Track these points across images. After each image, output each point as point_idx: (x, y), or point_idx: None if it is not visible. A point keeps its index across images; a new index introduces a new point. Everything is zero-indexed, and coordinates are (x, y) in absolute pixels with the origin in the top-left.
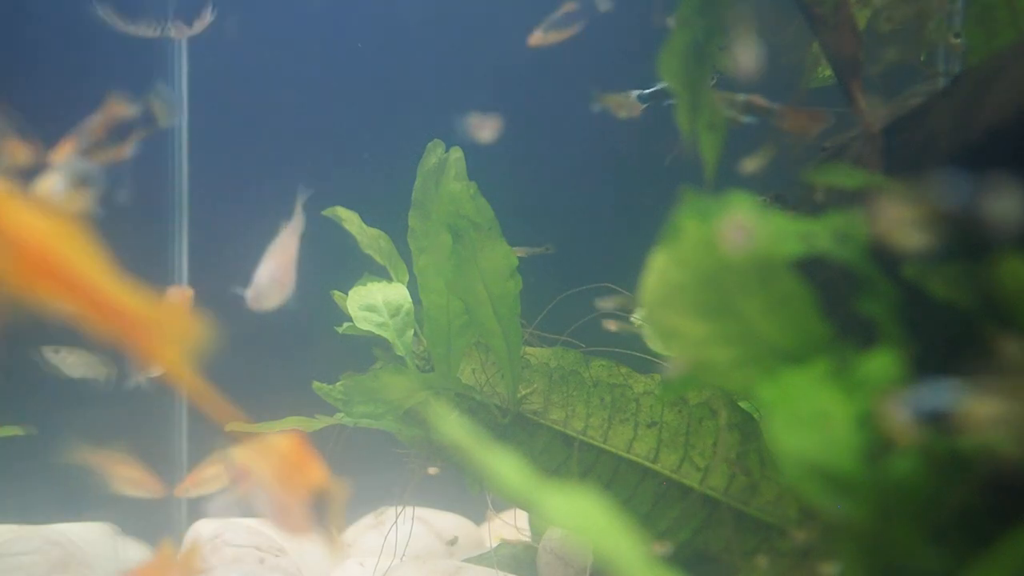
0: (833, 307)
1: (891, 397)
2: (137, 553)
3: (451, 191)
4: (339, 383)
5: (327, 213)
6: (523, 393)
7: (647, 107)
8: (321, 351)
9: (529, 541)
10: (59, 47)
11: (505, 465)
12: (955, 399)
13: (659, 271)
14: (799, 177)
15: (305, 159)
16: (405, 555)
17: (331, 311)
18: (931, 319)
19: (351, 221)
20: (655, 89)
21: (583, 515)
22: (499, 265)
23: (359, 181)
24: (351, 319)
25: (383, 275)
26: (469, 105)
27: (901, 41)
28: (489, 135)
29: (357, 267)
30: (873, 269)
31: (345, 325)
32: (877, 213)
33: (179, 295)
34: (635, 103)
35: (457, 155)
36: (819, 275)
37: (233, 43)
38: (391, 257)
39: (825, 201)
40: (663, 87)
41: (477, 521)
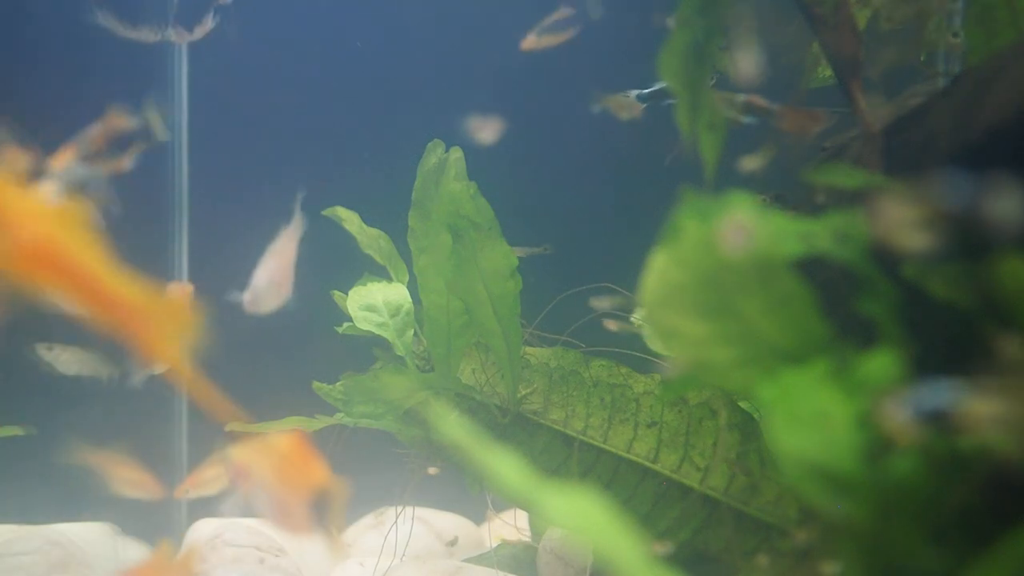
0: (833, 307)
1: (891, 397)
2: (137, 553)
3: (451, 191)
4: (339, 383)
5: (327, 213)
6: (523, 393)
7: (647, 107)
8: (321, 351)
9: (529, 541)
10: (59, 49)
11: (505, 465)
12: (955, 399)
13: (659, 271)
14: (799, 177)
15: (305, 159)
16: (405, 555)
17: (331, 311)
18: (931, 319)
19: (351, 221)
20: (654, 89)
21: (583, 515)
22: (499, 265)
23: (359, 181)
24: (351, 319)
25: (383, 275)
26: (469, 105)
27: (901, 41)
28: (490, 136)
29: (357, 267)
30: (873, 269)
31: (345, 325)
32: (877, 213)
33: (179, 291)
34: (636, 104)
35: (457, 155)
36: (819, 275)
37: (233, 43)
38: (391, 257)
39: (825, 201)
40: (662, 87)
41: (477, 521)
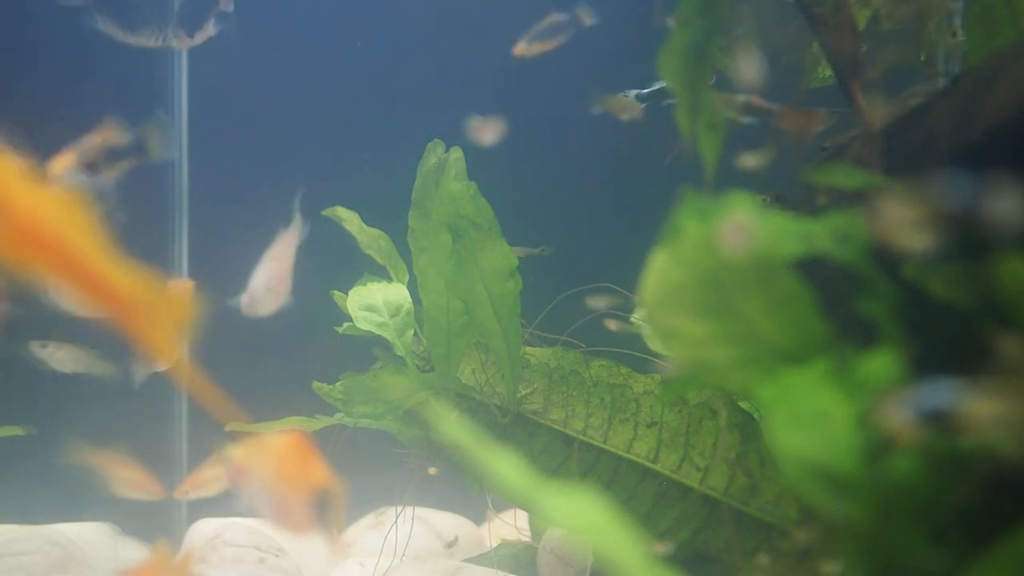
0: (833, 307)
1: (891, 397)
2: (137, 553)
3: (451, 191)
4: (339, 383)
5: (327, 213)
6: (523, 393)
7: (647, 107)
8: (321, 351)
9: (529, 541)
10: (59, 50)
11: (505, 465)
12: (955, 399)
13: (659, 271)
14: (799, 177)
15: (305, 159)
16: (405, 555)
17: (331, 311)
18: (931, 319)
19: (351, 221)
20: (653, 89)
21: (583, 515)
22: (499, 265)
23: (359, 181)
24: (351, 319)
25: (383, 275)
26: (469, 105)
27: (901, 41)
28: (491, 138)
29: (357, 267)
30: (873, 269)
31: (345, 325)
32: (877, 213)
33: (180, 287)
34: (636, 104)
35: (457, 155)
36: (819, 275)
37: (233, 43)
38: (391, 257)
39: (826, 202)
40: (661, 87)
41: (477, 521)
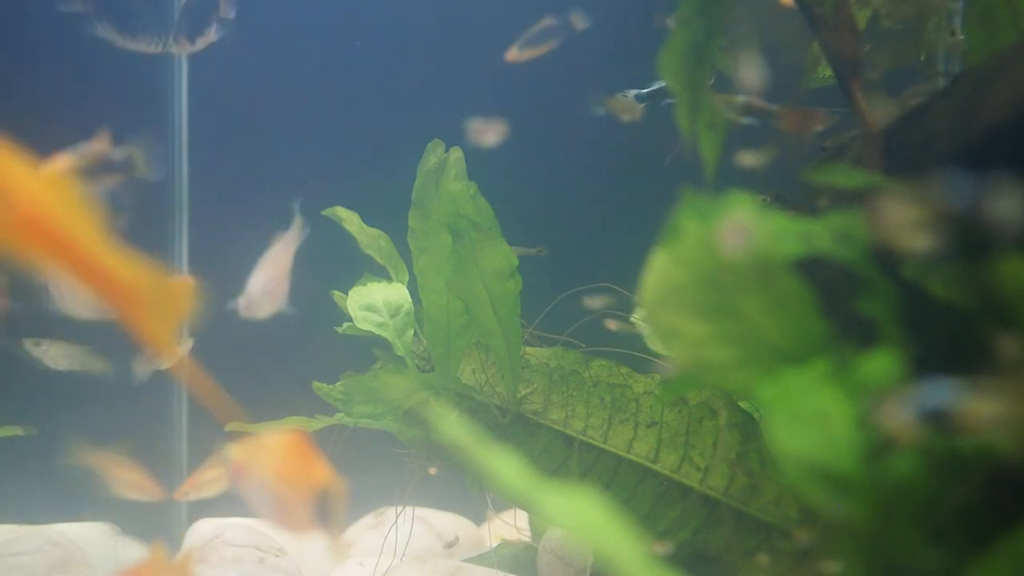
0: (833, 307)
1: (891, 397)
2: (137, 553)
3: (451, 191)
4: (339, 383)
5: (327, 213)
6: (523, 393)
7: (646, 107)
8: (321, 351)
9: (529, 541)
10: (59, 50)
11: (505, 465)
12: (955, 399)
13: (659, 271)
14: (799, 177)
15: (305, 159)
16: (405, 555)
17: (331, 311)
18: (931, 319)
19: (351, 221)
20: (652, 88)
21: (583, 515)
22: (499, 265)
23: (359, 181)
24: (351, 319)
25: (383, 275)
26: (469, 105)
27: (901, 41)
28: (492, 140)
29: (357, 267)
30: (873, 269)
31: (345, 325)
32: (877, 213)
33: (180, 280)
34: (637, 105)
35: (457, 155)
36: (819, 275)
37: (234, 44)
38: (391, 257)
39: (826, 202)
40: (661, 86)
41: (477, 521)
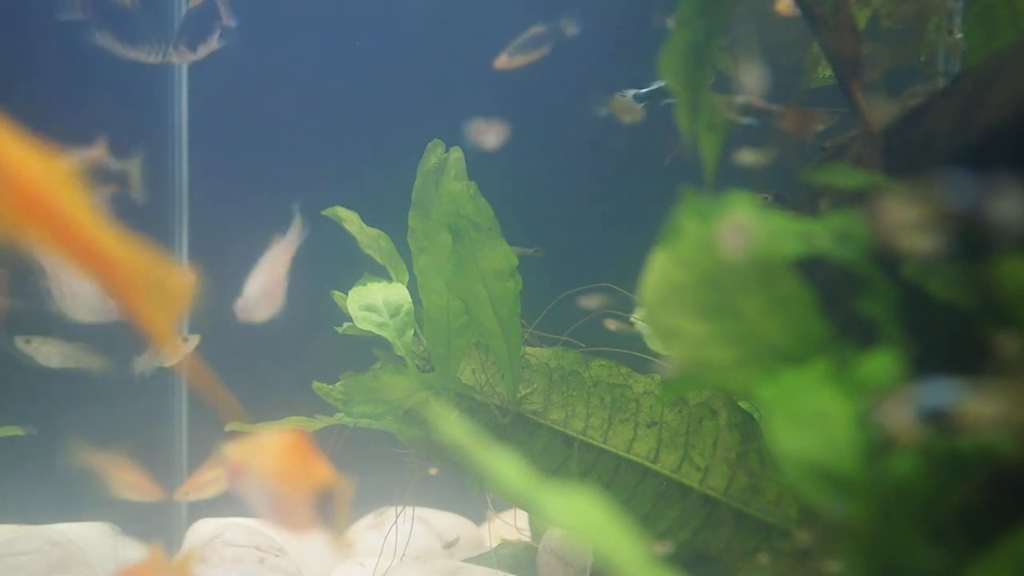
0: (833, 307)
1: (891, 397)
2: (137, 553)
3: (451, 191)
4: (339, 383)
5: (327, 213)
6: (523, 393)
7: (645, 107)
8: (321, 351)
9: (529, 541)
10: (58, 51)
11: (505, 465)
12: (955, 399)
13: (659, 271)
14: (799, 177)
15: (305, 160)
16: (405, 555)
17: (331, 311)
18: (931, 319)
19: (351, 221)
20: (652, 88)
21: (583, 515)
22: (499, 265)
23: (359, 181)
24: (351, 319)
25: (383, 275)
26: (469, 104)
27: (901, 41)
28: (493, 141)
29: (357, 267)
30: (873, 269)
31: (345, 325)
32: (877, 213)
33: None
34: (638, 107)
35: (457, 155)
36: (819, 275)
37: (234, 44)
38: (391, 257)
39: (826, 203)
40: (660, 86)
41: (477, 521)
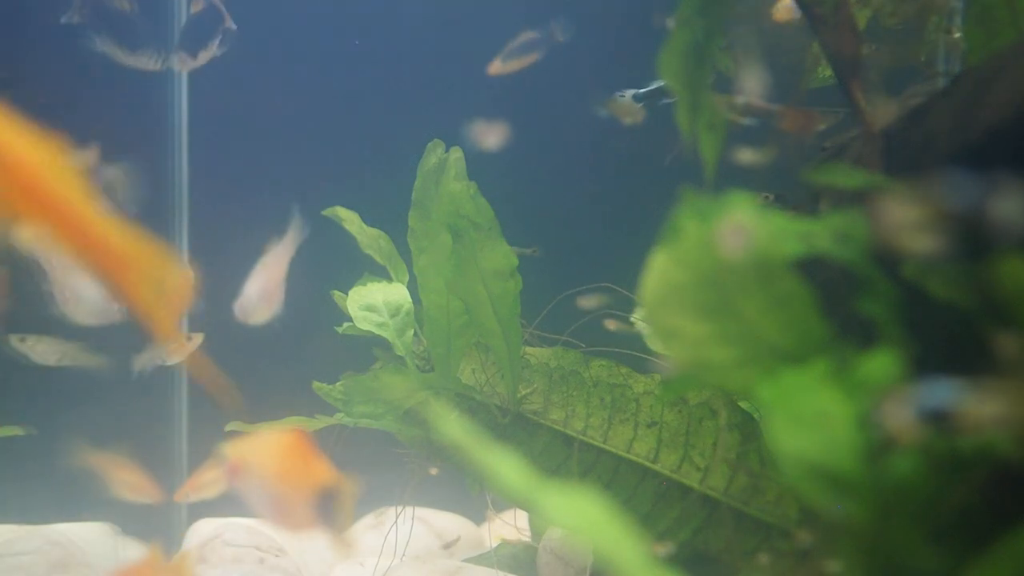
0: (833, 307)
1: (891, 397)
2: (137, 553)
3: (451, 191)
4: (339, 383)
5: (327, 213)
6: (523, 393)
7: (645, 107)
8: (321, 351)
9: (529, 541)
10: (59, 50)
11: (505, 465)
12: (955, 399)
13: (659, 271)
14: (799, 177)
15: (305, 159)
16: (405, 555)
17: (331, 311)
18: (931, 319)
19: (351, 221)
20: (651, 88)
21: (583, 515)
22: (499, 265)
23: (359, 181)
24: (351, 319)
25: (383, 275)
26: (469, 104)
27: (901, 41)
28: (494, 142)
29: (357, 267)
30: (873, 269)
31: (345, 325)
32: (877, 213)
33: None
34: (639, 108)
35: (457, 155)
36: (819, 275)
37: (233, 44)
38: (391, 257)
39: (827, 204)
40: (659, 86)
41: (477, 521)
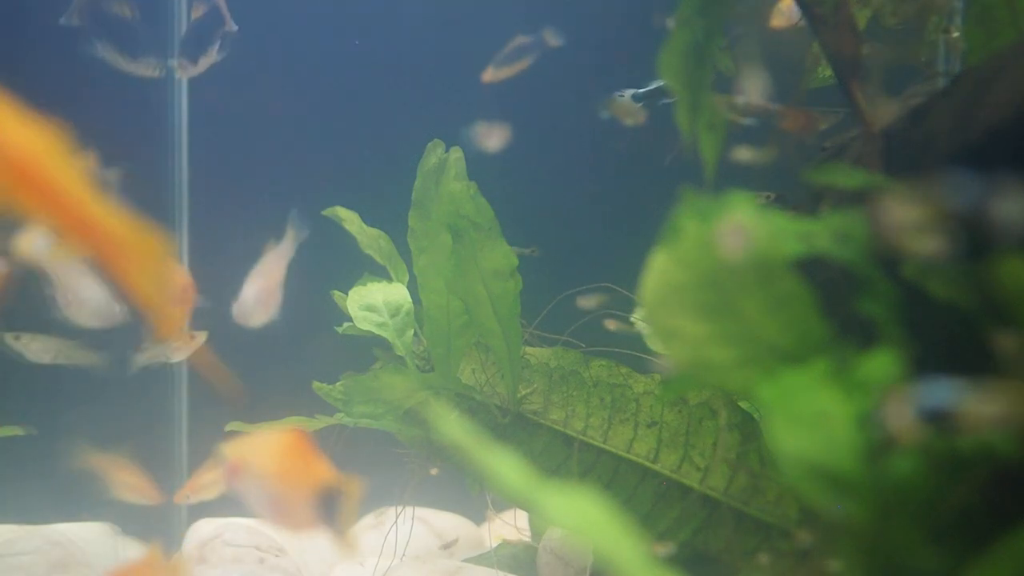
0: (833, 307)
1: (891, 397)
2: (137, 553)
3: (451, 191)
4: (339, 383)
5: (327, 213)
6: (523, 393)
7: (645, 107)
8: (321, 351)
9: (529, 541)
10: (58, 51)
11: (505, 465)
12: (955, 399)
13: (659, 271)
14: (799, 177)
15: (305, 159)
16: (405, 555)
17: (331, 311)
18: (931, 319)
19: (351, 221)
20: (650, 88)
21: (583, 515)
22: (499, 265)
23: (359, 181)
24: (351, 319)
25: (383, 275)
26: (469, 104)
27: (902, 41)
28: (495, 143)
29: (357, 267)
30: (873, 269)
31: (345, 325)
32: (877, 213)
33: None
34: (641, 109)
35: (457, 155)
36: (819, 275)
37: (234, 44)
38: (391, 257)
39: (827, 204)
40: (658, 86)
41: (477, 521)
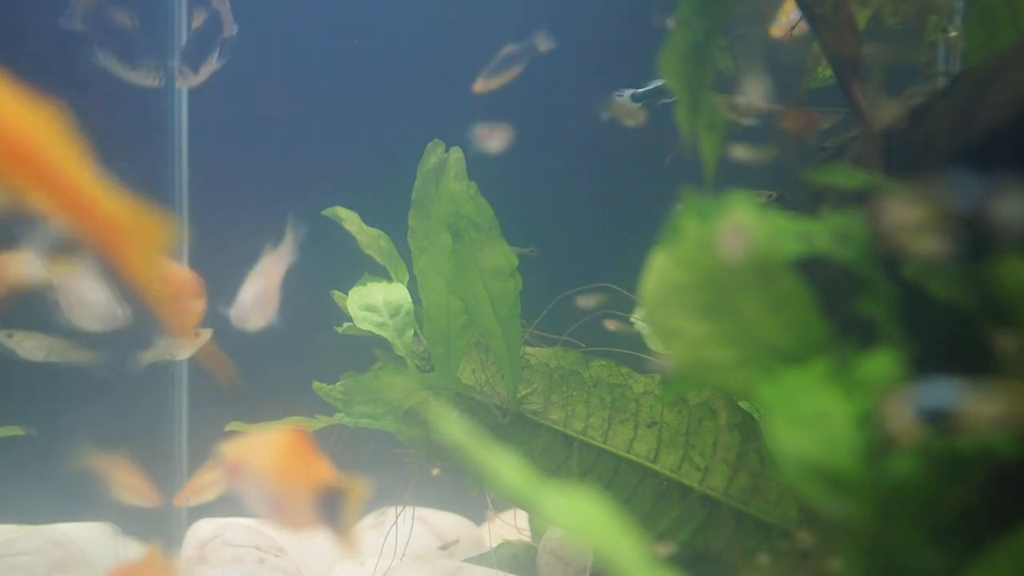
0: (833, 307)
1: (891, 397)
2: (137, 553)
3: (451, 191)
4: (339, 383)
5: (327, 213)
6: (523, 393)
7: (644, 107)
8: (321, 351)
9: (529, 541)
10: (57, 52)
11: (505, 465)
12: (955, 399)
13: (659, 271)
14: (799, 177)
15: (305, 159)
16: (405, 555)
17: (331, 311)
18: (931, 319)
19: (351, 221)
20: (650, 88)
21: (583, 515)
22: (499, 265)
23: (359, 181)
24: (351, 319)
25: (383, 275)
26: (469, 104)
27: (902, 41)
28: (497, 145)
29: (357, 267)
30: (873, 269)
31: (345, 325)
32: (877, 213)
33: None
34: (641, 110)
35: (457, 155)
36: (819, 275)
37: (233, 45)
38: (391, 257)
39: (827, 204)
40: (658, 86)
41: (477, 521)
